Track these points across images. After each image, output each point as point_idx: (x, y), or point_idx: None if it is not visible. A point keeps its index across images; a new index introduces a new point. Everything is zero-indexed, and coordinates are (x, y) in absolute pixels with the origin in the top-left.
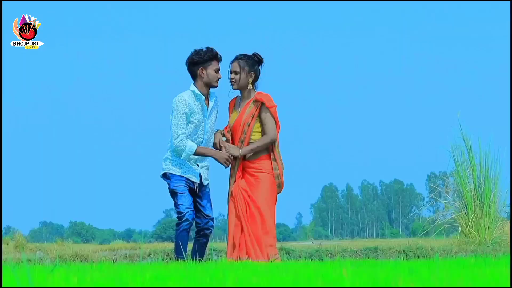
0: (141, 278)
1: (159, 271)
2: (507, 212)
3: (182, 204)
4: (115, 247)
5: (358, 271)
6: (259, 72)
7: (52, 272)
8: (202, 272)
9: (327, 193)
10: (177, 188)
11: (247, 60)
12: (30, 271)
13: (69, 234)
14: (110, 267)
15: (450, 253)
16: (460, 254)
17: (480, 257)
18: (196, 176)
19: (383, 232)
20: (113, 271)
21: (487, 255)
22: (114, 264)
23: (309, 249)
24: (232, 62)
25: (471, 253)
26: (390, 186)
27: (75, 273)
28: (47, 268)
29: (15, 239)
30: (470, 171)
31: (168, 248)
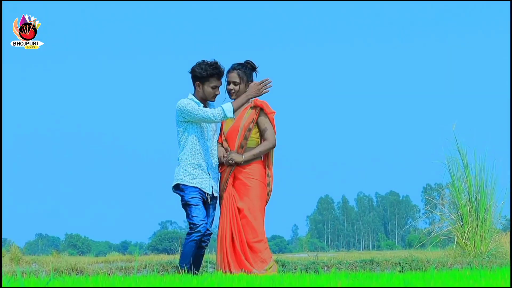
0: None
1: (154, 284)
2: (503, 224)
3: (197, 216)
4: (110, 259)
5: (353, 284)
6: (252, 79)
7: (47, 285)
8: (197, 284)
9: (323, 204)
10: (192, 200)
11: (244, 70)
12: (25, 284)
13: (65, 246)
14: (105, 280)
15: (445, 265)
16: (456, 267)
17: (476, 269)
18: (209, 188)
19: (379, 244)
20: (108, 284)
21: (482, 267)
22: (110, 277)
23: (305, 261)
24: (230, 72)
25: (467, 265)
26: (386, 198)
27: (70, 286)
28: (42, 282)
29: (10, 251)
30: (466, 183)
31: (164, 260)
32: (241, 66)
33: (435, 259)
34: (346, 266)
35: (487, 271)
